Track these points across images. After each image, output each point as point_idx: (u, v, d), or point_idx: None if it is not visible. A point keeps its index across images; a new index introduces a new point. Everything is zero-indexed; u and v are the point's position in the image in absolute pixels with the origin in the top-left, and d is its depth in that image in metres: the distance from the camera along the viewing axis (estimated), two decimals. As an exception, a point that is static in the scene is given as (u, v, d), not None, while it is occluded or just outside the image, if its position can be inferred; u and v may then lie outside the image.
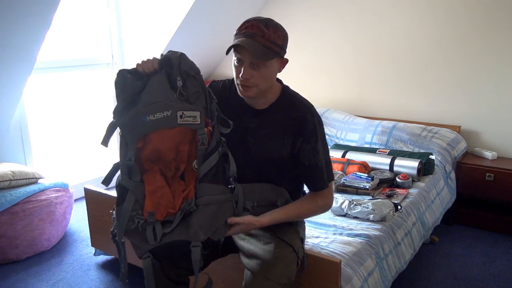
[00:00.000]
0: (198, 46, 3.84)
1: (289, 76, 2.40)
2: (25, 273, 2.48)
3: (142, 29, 3.67)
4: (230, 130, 1.45)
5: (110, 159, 3.11)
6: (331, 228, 2.03)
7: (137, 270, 1.91)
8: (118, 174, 1.41)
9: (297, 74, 3.84)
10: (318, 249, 1.77)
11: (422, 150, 2.97)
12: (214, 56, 4.16)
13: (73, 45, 3.54)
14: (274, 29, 1.44)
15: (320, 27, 3.72)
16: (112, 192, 2.21)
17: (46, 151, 3.45)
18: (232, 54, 1.47)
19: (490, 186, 2.87)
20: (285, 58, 1.53)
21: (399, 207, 2.21)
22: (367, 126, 3.25)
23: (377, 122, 3.27)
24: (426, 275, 2.41)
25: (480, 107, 3.17)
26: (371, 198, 2.34)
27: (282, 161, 1.55)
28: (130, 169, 1.36)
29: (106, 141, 1.38)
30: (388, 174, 2.62)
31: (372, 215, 2.08)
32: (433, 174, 2.76)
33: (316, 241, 1.87)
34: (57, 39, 3.34)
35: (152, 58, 1.39)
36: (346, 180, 2.51)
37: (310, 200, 1.59)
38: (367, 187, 2.43)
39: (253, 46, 1.40)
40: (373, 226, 2.03)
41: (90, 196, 2.47)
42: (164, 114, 1.33)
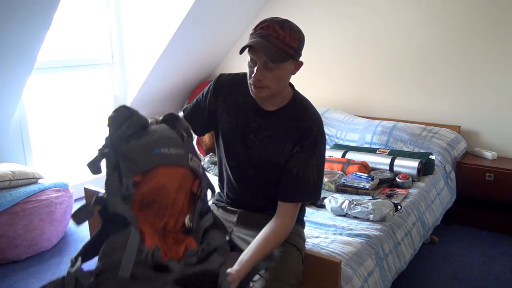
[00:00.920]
0: (198, 46, 3.83)
1: (289, 76, 2.40)
2: (25, 273, 2.48)
3: (142, 29, 3.67)
4: (232, 125, 1.41)
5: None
6: (331, 228, 2.03)
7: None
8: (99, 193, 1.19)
9: (297, 73, 3.81)
10: (318, 249, 1.77)
11: (422, 150, 2.97)
12: (214, 56, 4.15)
13: (73, 45, 3.54)
14: (290, 31, 1.40)
15: (320, 27, 3.72)
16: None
17: (46, 151, 3.45)
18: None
19: (490, 186, 2.87)
20: (300, 60, 1.48)
21: (399, 207, 2.21)
22: (367, 126, 3.25)
23: (377, 122, 3.27)
24: (426, 275, 2.41)
25: (480, 107, 3.17)
26: (371, 198, 2.33)
27: (279, 166, 1.51)
28: (126, 198, 1.14)
29: (95, 167, 1.23)
30: (388, 174, 2.62)
31: (372, 215, 2.08)
32: (433, 174, 2.76)
33: (316, 241, 1.87)
34: (57, 39, 3.34)
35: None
36: (346, 180, 2.52)
37: (271, 232, 1.43)
38: (367, 187, 2.43)
39: (266, 47, 1.36)
40: (373, 226, 2.03)
41: (90, 196, 2.44)
42: (178, 151, 1.25)
